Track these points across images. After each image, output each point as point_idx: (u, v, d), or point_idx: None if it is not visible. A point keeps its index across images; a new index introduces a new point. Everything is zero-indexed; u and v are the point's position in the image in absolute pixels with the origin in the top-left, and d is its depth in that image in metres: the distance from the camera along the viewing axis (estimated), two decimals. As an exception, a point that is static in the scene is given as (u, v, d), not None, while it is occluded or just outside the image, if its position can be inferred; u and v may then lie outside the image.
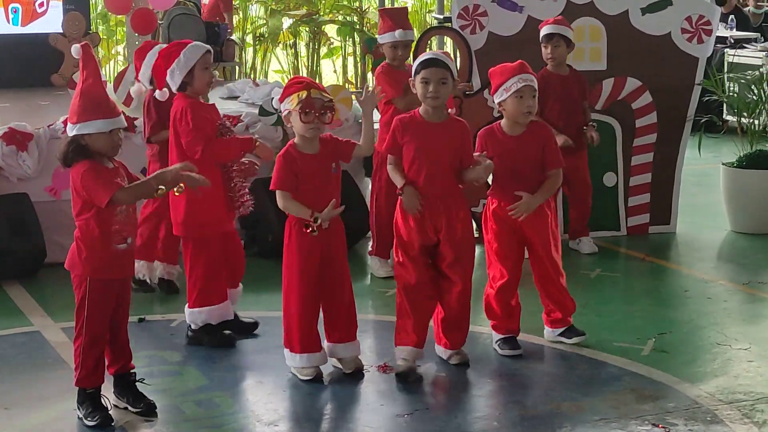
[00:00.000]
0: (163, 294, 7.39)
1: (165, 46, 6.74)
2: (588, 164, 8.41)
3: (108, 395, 5.45)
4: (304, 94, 5.71)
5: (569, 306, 6.46)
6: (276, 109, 8.13)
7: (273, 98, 7.92)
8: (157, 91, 6.80)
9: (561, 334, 6.46)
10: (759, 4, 15.45)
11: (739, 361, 6.17)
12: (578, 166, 8.28)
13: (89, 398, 5.38)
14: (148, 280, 7.39)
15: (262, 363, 6.03)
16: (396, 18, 7.87)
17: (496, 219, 6.29)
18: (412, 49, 8.14)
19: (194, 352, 6.37)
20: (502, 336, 6.38)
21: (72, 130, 5.19)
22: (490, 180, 6.27)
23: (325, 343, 5.98)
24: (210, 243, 6.35)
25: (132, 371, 5.56)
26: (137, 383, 5.56)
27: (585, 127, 8.26)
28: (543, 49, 8.18)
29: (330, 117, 5.77)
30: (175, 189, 5.38)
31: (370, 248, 8.00)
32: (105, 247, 5.24)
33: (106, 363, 5.47)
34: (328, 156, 5.85)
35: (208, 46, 6.52)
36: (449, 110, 6.16)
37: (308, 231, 5.73)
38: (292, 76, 17.89)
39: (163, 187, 5.24)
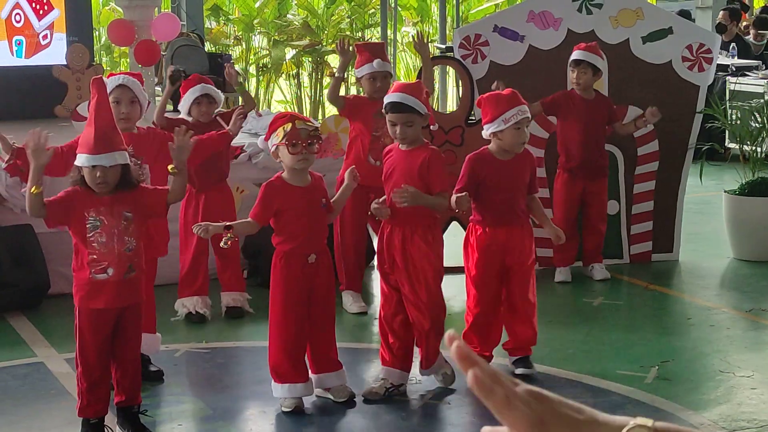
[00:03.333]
0: (184, 324, 7.46)
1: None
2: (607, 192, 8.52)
3: (113, 426, 5.46)
4: (288, 126, 5.68)
5: (528, 337, 6.40)
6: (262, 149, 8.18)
7: (259, 139, 7.96)
8: None
9: (514, 362, 6.42)
10: (760, 33, 15.47)
11: (743, 389, 6.17)
12: (597, 192, 8.36)
13: (93, 429, 5.40)
14: (194, 311, 7.48)
15: (265, 393, 6.03)
16: (373, 50, 7.85)
17: (479, 247, 6.29)
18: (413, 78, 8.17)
19: (198, 383, 6.37)
20: None
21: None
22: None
23: (310, 375, 5.96)
24: None
25: (137, 404, 5.55)
26: (140, 415, 5.57)
27: (642, 119, 8.44)
28: (570, 73, 8.22)
29: (317, 146, 5.76)
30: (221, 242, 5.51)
31: (340, 285, 7.71)
32: (84, 276, 5.29)
33: (114, 392, 5.49)
34: (318, 191, 5.84)
35: (122, 80, 6.32)
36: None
37: (221, 244, 5.67)
38: (294, 106, 18.01)
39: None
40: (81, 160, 5.28)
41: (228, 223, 5.68)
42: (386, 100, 6.03)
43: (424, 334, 5.99)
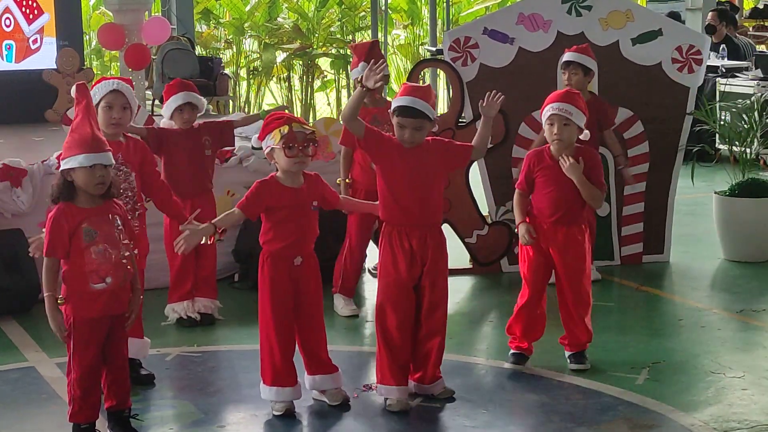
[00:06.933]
0: (175, 328, 7.46)
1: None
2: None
3: (103, 430, 5.46)
4: (285, 129, 5.68)
5: (581, 338, 6.57)
6: (256, 148, 8.11)
7: (253, 137, 7.93)
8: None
9: (570, 356, 6.59)
10: (739, 33, 15.51)
11: (733, 390, 6.18)
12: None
13: (83, 434, 5.39)
14: (185, 316, 7.47)
15: (256, 397, 6.01)
16: (370, 50, 7.70)
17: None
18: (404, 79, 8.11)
19: (189, 386, 6.37)
20: (513, 351, 6.56)
21: (61, 167, 5.28)
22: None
23: (305, 377, 5.96)
24: None
25: (127, 408, 5.55)
26: (131, 419, 5.56)
27: (624, 165, 8.55)
28: (561, 75, 8.26)
29: (313, 149, 5.75)
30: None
31: (333, 287, 7.72)
32: (82, 287, 5.25)
33: (103, 397, 5.48)
34: (310, 192, 5.82)
35: (115, 86, 6.31)
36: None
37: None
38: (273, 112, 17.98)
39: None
40: (77, 160, 5.19)
41: (213, 222, 5.66)
42: (396, 102, 5.91)
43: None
